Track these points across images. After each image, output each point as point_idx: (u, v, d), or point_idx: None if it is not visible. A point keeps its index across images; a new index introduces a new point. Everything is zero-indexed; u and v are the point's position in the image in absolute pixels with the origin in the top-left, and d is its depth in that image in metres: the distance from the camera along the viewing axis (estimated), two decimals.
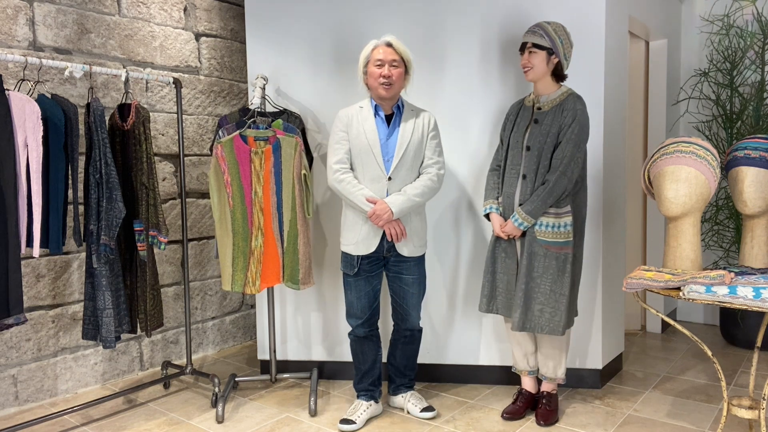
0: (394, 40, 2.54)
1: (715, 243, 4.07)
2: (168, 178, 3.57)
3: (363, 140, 2.55)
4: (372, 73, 2.52)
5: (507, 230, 2.57)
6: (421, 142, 2.60)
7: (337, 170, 2.57)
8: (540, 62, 2.50)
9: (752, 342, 3.61)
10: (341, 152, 2.58)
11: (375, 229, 2.58)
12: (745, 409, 2.14)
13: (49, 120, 2.45)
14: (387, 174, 2.55)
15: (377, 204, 2.51)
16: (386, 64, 2.50)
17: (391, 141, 2.57)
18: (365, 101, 2.64)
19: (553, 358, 2.69)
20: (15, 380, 2.92)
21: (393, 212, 2.51)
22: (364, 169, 2.57)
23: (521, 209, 2.51)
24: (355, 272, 2.63)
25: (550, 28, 2.50)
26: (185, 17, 3.65)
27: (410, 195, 2.55)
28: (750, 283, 1.88)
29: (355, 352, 2.77)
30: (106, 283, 2.64)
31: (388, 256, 2.65)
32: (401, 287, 2.69)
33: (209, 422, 2.77)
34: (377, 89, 2.53)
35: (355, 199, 2.53)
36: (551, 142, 2.50)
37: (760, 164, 2.26)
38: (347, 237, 2.64)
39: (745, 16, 3.93)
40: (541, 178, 2.52)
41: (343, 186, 2.56)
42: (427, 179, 2.60)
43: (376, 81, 2.51)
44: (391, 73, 2.50)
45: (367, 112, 2.59)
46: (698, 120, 4.16)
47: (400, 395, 2.85)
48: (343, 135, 2.59)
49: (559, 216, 2.53)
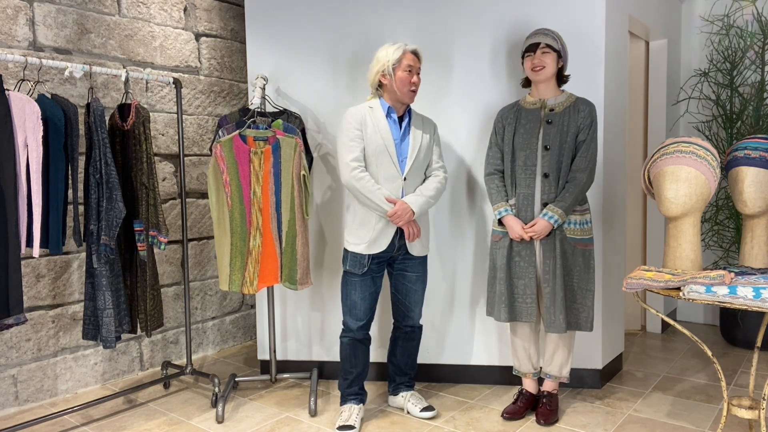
0: (419, 48, 2.60)
1: (715, 243, 4.07)
2: (168, 178, 3.57)
3: (379, 140, 2.55)
4: (402, 78, 2.53)
5: (537, 229, 2.53)
6: (429, 146, 2.66)
7: (354, 168, 2.52)
8: (551, 63, 2.56)
9: (752, 342, 3.61)
10: (357, 150, 2.54)
11: (388, 228, 2.58)
12: (745, 409, 2.14)
13: (49, 120, 2.45)
14: (403, 174, 2.57)
15: (399, 204, 2.52)
16: (415, 72, 2.56)
17: (404, 143, 2.60)
18: (374, 102, 2.62)
19: (561, 357, 2.70)
20: (15, 380, 2.92)
21: (414, 212, 2.54)
22: (379, 168, 2.56)
23: (555, 206, 2.52)
24: (364, 272, 2.61)
25: (557, 33, 2.59)
26: (185, 17, 3.65)
27: (427, 196, 2.59)
28: (750, 283, 1.88)
29: (348, 355, 2.70)
30: (106, 283, 2.64)
31: (396, 255, 2.65)
32: (405, 284, 2.70)
33: (209, 422, 2.77)
34: (405, 95, 2.55)
35: (374, 197, 2.51)
36: (571, 141, 2.56)
37: (760, 164, 2.26)
38: (359, 236, 2.60)
39: (745, 16, 3.93)
40: (564, 176, 2.56)
41: (362, 184, 2.51)
42: (437, 181, 2.65)
43: (405, 87, 2.54)
44: (419, 81, 2.58)
45: (379, 113, 2.58)
46: (698, 120, 4.16)
47: (400, 395, 2.85)
48: (358, 133, 2.55)
49: (583, 213, 2.61)
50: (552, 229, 2.53)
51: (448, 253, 3.12)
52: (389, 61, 2.53)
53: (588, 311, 2.61)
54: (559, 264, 2.55)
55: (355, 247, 2.61)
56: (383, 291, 3.08)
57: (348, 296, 2.66)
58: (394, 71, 2.53)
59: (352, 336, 2.68)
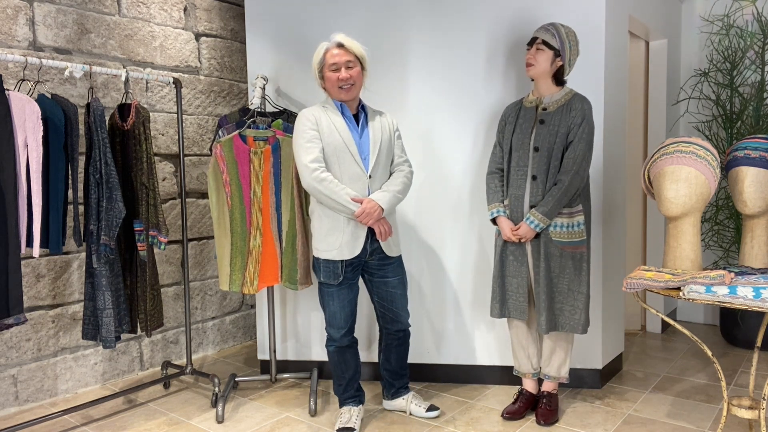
0: (345, 39, 2.46)
1: (715, 243, 4.06)
2: (168, 178, 3.57)
3: (337, 138, 2.46)
4: (329, 78, 2.46)
5: (520, 233, 2.53)
6: (390, 141, 2.59)
7: (315, 169, 2.41)
8: (544, 61, 2.51)
9: (752, 342, 3.61)
10: (316, 151, 2.43)
11: (359, 230, 2.49)
12: (745, 409, 2.14)
13: (49, 120, 2.45)
14: (367, 172, 2.50)
15: (365, 202, 2.43)
16: (342, 66, 2.43)
17: (363, 140, 2.52)
18: (327, 101, 2.56)
19: (558, 358, 2.70)
20: (15, 380, 2.92)
21: (383, 209, 2.46)
22: (341, 168, 2.47)
23: (536, 210, 2.49)
24: (340, 281, 2.52)
25: (563, 30, 2.51)
26: (185, 17, 3.65)
27: (394, 191, 2.52)
28: (750, 283, 1.88)
29: (336, 363, 2.64)
30: (106, 283, 2.64)
31: (370, 260, 2.57)
32: (388, 291, 2.63)
33: (209, 422, 2.77)
34: (338, 93, 2.47)
35: (339, 198, 2.42)
36: (560, 142, 2.50)
37: (760, 164, 2.26)
38: (328, 242, 2.49)
39: (745, 16, 3.93)
40: (553, 178, 2.51)
41: (325, 185, 2.41)
42: (404, 176, 2.59)
43: (334, 86, 2.46)
44: (349, 75, 2.44)
45: (333, 112, 2.51)
46: (698, 120, 4.16)
47: (400, 398, 2.81)
48: (314, 133, 2.45)
49: (572, 216, 2.55)
50: (536, 232, 2.52)
51: (449, 253, 3.12)
52: (315, 64, 2.49)
53: (580, 314, 2.56)
54: (543, 266, 2.54)
55: (326, 254, 2.50)
56: (362, 295, 3.04)
57: (327, 307, 2.59)
58: (323, 73, 2.48)
59: (337, 344, 2.62)
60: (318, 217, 2.54)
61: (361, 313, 3.18)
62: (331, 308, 2.57)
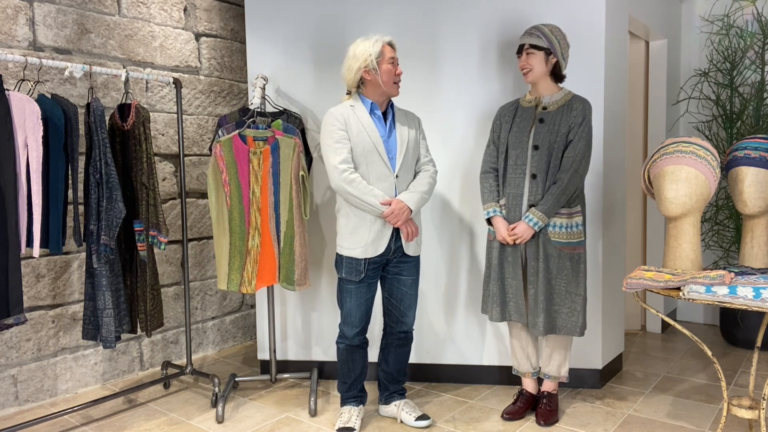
0: (393, 39, 2.53)
1: (715, 243, 4.06)
2: (168, 178, 3.57)
3: (366, 138, 2.47)
4: (388, 70, 2.46)
5: (518, 232, 2.51)
6: (416, 141, 2.59)
7: (344, 170, 2.43)
8: (538, 63, 2.52)
9: (752, 342, 3.61)
10: (344, 152, 2.44)
11: (385, 230, 2.50)
12: (745, 409, 2.14)
13: (49, 120, 2.45)
14: (394, 172, 2.50)
15: (394, 203, 2.44)
16: (396, 62, 2.50)
17: (391, 139, 2.53)
18: (354, 100, 2.55)
19: (558, 358, 2.69)
20: (15, 380, 2.92)
21: (411, 210, 2.48)
22: (369, 167, 2.48)
23: (536, 209, 2.49)
24: (361, 278, 2.52)
25: (546, 29, 2.52)
26: (185, 17, 3.65)
27: (421, 192, 2.53)
28: (750, 283, 1.88)
29: (345, 361, 2.64)
30: (106, 283, 2.64)
31: (392, 258, 2.58)
32: (399, 288, 2.63)
33: (209, 422, 2.77)
34: (391, 88, 2.49)
35: (368, 199, 2.43)
36: (561, 140, 2.50)
37: (760, 164, 2.26)
38: (353, 240, 2.50)
39: (745, 16, 3.93)
40: (552, 177, 2.51)
41: (354, 186, 2.42)
42: (429, 177, 2.59)
43: (392, 79, 2.48)
44: (401, 72, 2.51)
45: (362, 111, 2.51)
46: (698, 120, 4.16)
47: (392, 404, 2.77)
48: (342, 134, 2.46)
49: (571, 216, 2.54)
50: (535, 232, 2.51)
51: (448, 252, 3.12)
52: (371, 56, 2.44)
53: (578, 316, 2.55)
54: (542, 267, 2.53)
55: (350, 252, 2.51)
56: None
57: (343, 304, 2.58)
58: (379, 65, 2.46)
59: (348, 342, 2.62)
60: (344, 215, 2.55)
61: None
62: (348, 305, 2.57)
